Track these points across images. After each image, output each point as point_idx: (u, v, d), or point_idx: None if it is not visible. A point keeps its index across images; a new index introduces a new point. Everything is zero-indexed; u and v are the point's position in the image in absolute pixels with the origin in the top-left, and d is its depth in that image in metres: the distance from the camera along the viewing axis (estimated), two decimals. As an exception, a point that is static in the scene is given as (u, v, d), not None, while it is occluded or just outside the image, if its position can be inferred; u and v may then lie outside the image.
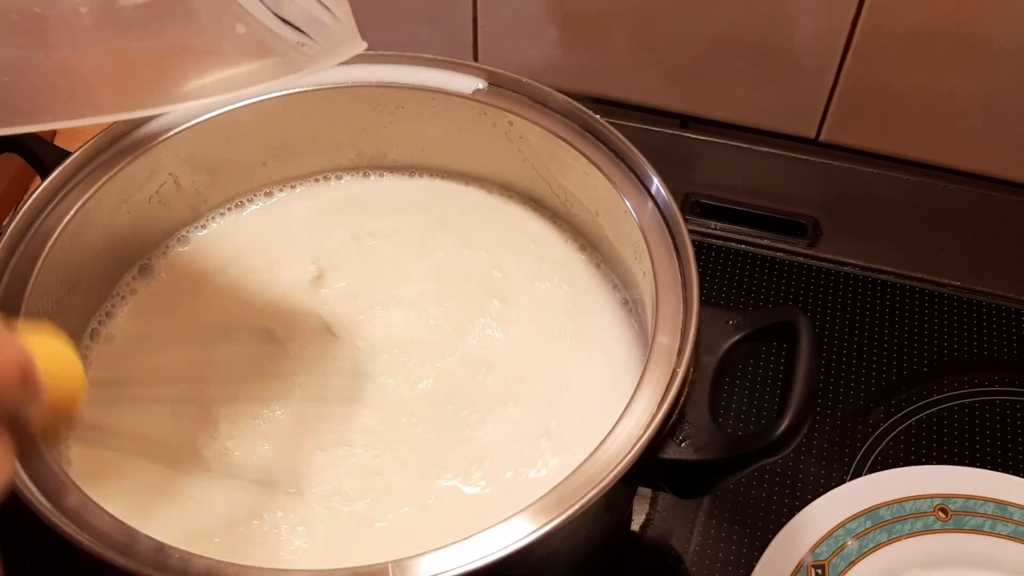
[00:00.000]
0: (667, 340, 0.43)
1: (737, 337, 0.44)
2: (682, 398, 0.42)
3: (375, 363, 0.50)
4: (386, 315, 0.52)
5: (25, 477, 0.38)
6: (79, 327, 0.51)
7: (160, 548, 0.37)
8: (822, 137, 0.74)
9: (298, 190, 0.58)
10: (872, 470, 0.56)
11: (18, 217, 0.47)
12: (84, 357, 0.50)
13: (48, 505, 0.38)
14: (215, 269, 0.54)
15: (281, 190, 0.58)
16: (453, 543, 0.37)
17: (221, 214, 0.57)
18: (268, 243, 0.55)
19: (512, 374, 0.49)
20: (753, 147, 0.75)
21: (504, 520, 0.37)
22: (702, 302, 0.44)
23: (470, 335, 0.51)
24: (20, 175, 0.66)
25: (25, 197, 0.48)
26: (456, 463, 0.46)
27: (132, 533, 0.37)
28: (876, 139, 0.73)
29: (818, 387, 0.60)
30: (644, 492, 0.55)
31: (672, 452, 0.41)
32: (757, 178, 0.73)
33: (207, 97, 0.37)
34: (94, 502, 0.38)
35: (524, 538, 0.36)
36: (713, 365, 0.43)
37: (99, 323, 0.51)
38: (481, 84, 0.54)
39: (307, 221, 0.57)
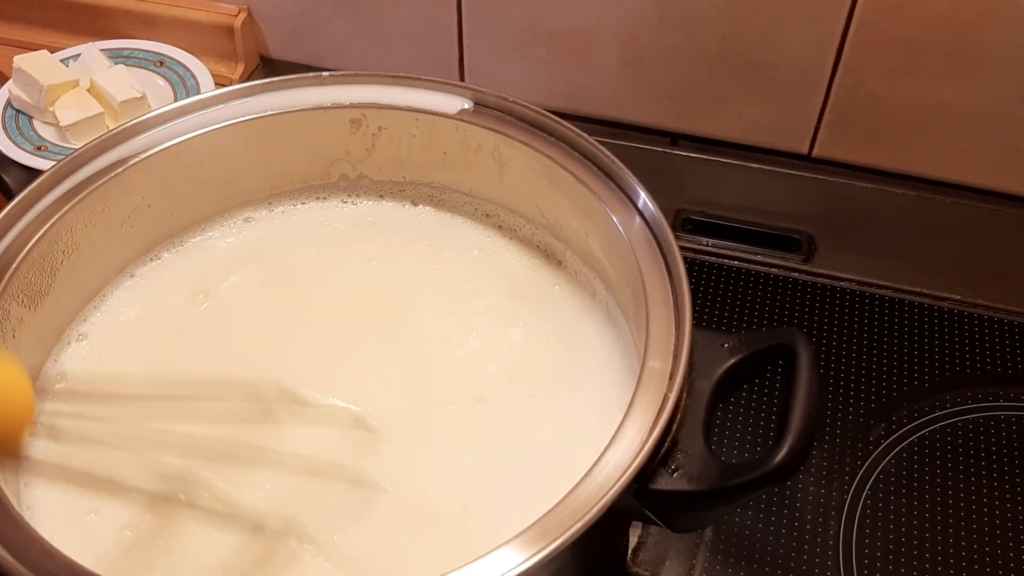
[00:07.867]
0: (658, 364, 0.41)
1: (733, 360, 0.42)
2: (674, 425, 0.40)
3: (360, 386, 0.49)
4: (366, 332, 0.51)
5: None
6: (51, 341, 0.50)
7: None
8: (815, 152, 0.73)
9: (276, 211, 0.57)
10: (874, 488, 0.55)
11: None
12: (56, 364, 0.49)
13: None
14: (197, 279, 0.53)
15: (264, 208, 0.57)
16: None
17: (199, 235, 0.55)
18: (249, 258, 0.54)
19: (501, 402, 0.48)
20: (745, 164, 0.74)
21: (486, 554, 0.35)
22: (695, 324, 0.42)
23: (452, 362, 0.50)
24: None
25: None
26: (450, 490, 0.45)
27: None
28: (870, 153, 0.72)
29: (822, 412, 0.58)
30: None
31: (663, 482, 0.39)
32: (750, 195, 0.72)
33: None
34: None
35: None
36: (708, 390, 0.41)
37: (72, 333, 0.50)
38: (466, 104, 0.53)
39: (285, 241, 0.55)
